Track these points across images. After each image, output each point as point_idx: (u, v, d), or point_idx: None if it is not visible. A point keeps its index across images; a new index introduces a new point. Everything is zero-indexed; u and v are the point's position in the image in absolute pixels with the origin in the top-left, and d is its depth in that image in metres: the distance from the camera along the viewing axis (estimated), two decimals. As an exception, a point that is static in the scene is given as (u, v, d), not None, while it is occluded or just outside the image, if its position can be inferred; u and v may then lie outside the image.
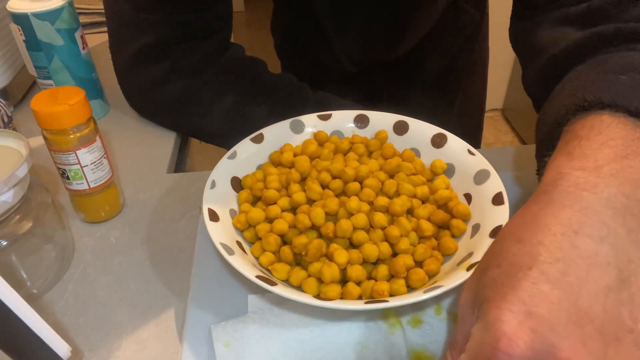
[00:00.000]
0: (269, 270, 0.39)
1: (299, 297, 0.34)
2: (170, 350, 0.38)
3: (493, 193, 0.41)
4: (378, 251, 0.39)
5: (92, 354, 0.38)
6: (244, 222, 0.42)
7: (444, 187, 0.44)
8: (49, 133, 0.43)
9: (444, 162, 0.47)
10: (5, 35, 0.66)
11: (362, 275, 0.38)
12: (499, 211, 0.39)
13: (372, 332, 0.37)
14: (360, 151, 0.48)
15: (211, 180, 0.44)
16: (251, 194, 0.45)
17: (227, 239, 0.39)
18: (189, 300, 0.41)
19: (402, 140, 0.50)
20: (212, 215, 0.41)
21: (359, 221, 0.40)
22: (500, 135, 2.16)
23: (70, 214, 0.50)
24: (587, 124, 0.29)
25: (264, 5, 0.82)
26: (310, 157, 0.47)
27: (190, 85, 0.58)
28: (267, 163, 0.49)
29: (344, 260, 0.38)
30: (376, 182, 0.43)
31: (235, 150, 0.48)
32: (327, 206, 0.41)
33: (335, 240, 0.40)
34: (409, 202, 0.42)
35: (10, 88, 0.67)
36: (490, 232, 0.38)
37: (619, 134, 0.28)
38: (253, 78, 0.60)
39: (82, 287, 0.43)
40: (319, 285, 0.38)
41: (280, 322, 0.37)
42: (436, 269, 0.38)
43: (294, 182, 0.45)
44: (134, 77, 0.60)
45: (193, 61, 0.57)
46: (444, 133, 0.48)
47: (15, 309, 0.25)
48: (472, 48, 0.79)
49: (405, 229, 0.40)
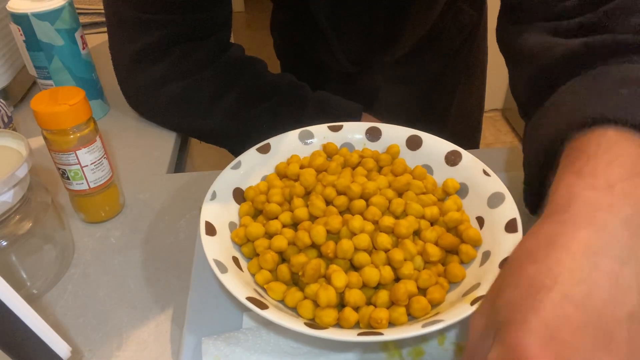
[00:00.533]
0: (264, 289, 0.38)
1: (290, 324, 0.32)
2: (170, 351, 0.38)
3: (507, 219, 0.39)
4: (379, 275, 0.36)
5: (92, 354, 0.38)
6: (242, 236, 0.41)
7: (455, 209, 0.42)
8: (49, 133, 0.43)
9: (457, 181, 0.44)
10: (5, 36, 0.66)
11: (361, 300, 0.36)
12: (512, 239, 0.37)
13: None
14: (370, 166, 0.46)
15: (212, 191, 0.42)
16: (253, 206, 0.43)
17: (223, 255, 0.38)
18: (189, 301, 0.41)
19: (415, 155, 0.48)
20: (209, 229, 0.39)
21: (361, 242, 0.37)
22: (500, 135, 2.16)
23: (70, 214, 0.50)
24: (593, 141, 0.29)
25: (264, 5, 0.82)
26: (317, 170, 0.46)
27: (190, 86, 0.58)
28: (273, 174, 0.47)
29: (342, 283, 0.36)
30: (383, 200, 0.41)
31: (239, 160, 0.46)
32: (329, 224, 0.39)
33: (335, 261, 0.38)
34: (416, 224, 0.40)
35: (10, 88, 0.67)
36: (500, 263, 0.36)
37: (627, 150, 0.27)
38: (253, 78, 0.60)
39: (82, 287, 0.43)
40: (315, 309, 0.36)
41: (274, 342, 0.36)
42: (440, 297, 0.36)
43: (298, 196, 0.43)
44: (133, 77, 0.60)
45: (193, 61, 0.57)
46: (459, 150, 0.46)
47: (15, 309, 0.25)
48: (470, 48, 0.79)
49: (410, 252, 0.38)
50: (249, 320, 0.38)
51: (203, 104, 0.58)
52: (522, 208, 0.39)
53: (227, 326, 0.38)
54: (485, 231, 0.40)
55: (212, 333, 0.38)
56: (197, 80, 0.58)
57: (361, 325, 0.36)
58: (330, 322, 0.35)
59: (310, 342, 0.36)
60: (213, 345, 0.36)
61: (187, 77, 0.58)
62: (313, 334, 0.32)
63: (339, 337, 0.32)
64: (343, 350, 0.36)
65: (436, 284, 0.37)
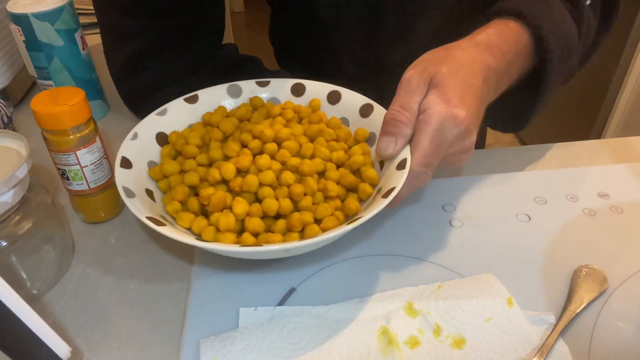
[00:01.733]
0: (174, 218, 0.41)
1: (182, 237, 0.35)
2: (169, 351, 0.38)
3: (400, 159, 0.42)
4: (278, 205, 0.40)
5: (92, 354, 0.38)
6: (158, 172, 0.44)
7: (360, 154, 0.46)
8: (49, 133, 0.43)
9: (368, 130, 0.49)
10: (6, 36, 0.66)
11: (260, 227, 0.40)
12: (399, 175, 0.40)
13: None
14: (289, 116, 0.50)
15: (133, 132, 0.46)
16: (174, 149, 0.47)
17: (135, 186, 0.41)
18: (189, 301, 0.41)
19: (334, 109, 0.52)
20: (124, 162, 0.42)
21: (265, 177, 0.41)
22: (500, 135, 2.16)
23: (70, 214, 0.50)
24: (495, 23, 0.46)
25: (264, 5, 0.82)
26: (240, 119, 0.49)
27: (183, 90, 0.58)
28: (199, 123, 0.50)
29: (241, 210, 0.39)
30: (294, 144, 0.45)
31: (165, 108, 0.49)
32: (239, 162, 0.43)
33: (242, 195, 0.41)
34: (322, 165, 0.44)
35: (10, 88, 0.67)
36: (384, 193, 0.39)
37: (497, 28, 0.45)
38: (247, 77, 0.60)
39: (82, 287, 0.43)
40: (216, 234, 0.39)
41: (270, 341, 0.37)
42: (333, 226, 0.40)
43: (215, 140, 0.46)
44: (127, 83, 0.60)
45: (184, 64, 0.57)
46: (372, 104, 0.50)
47: (15, 310, 0.25)
48: None
49: (311, 188, 0.42)
50: (245, 320, 0.38)
51: None
52: (513, 203, 0.39)
53: (226, 326, 0.38)
54: (383, 172, 0.44)
55: (212, 333, 0.38)
56: (190, 83, 0.58)
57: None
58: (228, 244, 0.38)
59: (308, 339, 0.36)
60: (210, 346, 0.36)
61: (179, 80, 0.57)
62: (201, 245, 0.35)
63: (223, 247, 0.35)
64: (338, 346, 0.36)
65: (331, 215, 0.41)
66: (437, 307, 0.39)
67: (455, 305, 0.39)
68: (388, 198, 0.38)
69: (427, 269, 0.43)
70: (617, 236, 0.46)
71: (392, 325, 0.38)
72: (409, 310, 0.39)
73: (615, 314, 0.39)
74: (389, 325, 0.38)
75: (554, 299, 0.41)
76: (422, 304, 0.39)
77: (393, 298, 0.40)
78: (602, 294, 0.41)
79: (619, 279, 0.42)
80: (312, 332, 0.37)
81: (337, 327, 0.38)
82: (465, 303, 0.39)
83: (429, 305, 0.39)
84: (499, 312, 0.38)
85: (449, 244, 0.46)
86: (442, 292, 0.40)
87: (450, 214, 0.49)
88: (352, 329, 0.38)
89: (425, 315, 0.39)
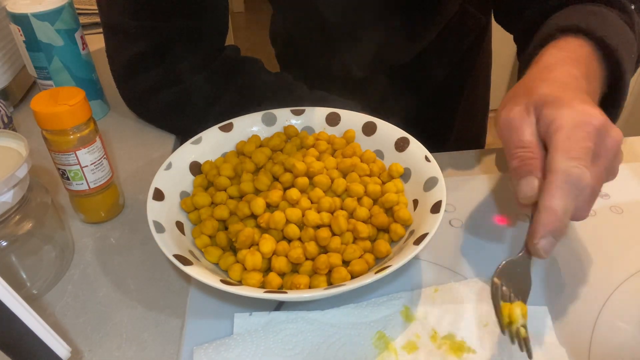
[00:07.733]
0: (202, 253, 0.41)
1: (206, 279, 0.34)
2: (169, 351, 0.38)
3: (435, 201, 0.41)
4: (303, 254, 0.39)
5: (92, 354, 0.38)
6: (189, 204, 0.44)
7: (394, 191, 0.45)
8: (49, 133, 0.43)
9: (402, 166, 0.47)
10: (6, 36, 0.66)
11: (286, 267, 0.39)
12: (433, 219, 0.39)
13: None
14: (322, 148, 0.49)
15: (168, 162, 0.46)
16: (206, 179, 0.47)
17: (166, 218, 0.41)
18: (189, 301, 0.41)
19: (369, 141, 0.51)
20: (156, 195, 0.42)
21: (292, 215, 0.41)
22: (500, 135, 2.15)
23: (70, 214, 0.50)
24: (560, 41, 0.45)
25: (264, 5, 0.82)
26: (273, 149, 0.49)
27: (185, 91, 0.58)
28: (232, 152, 0.50)
29: (268, 249, 0.39)
30: (326, 179, 0.44)
31: (200, 137, 0.49)
32: (269, 197, 0.42)
33: (269, 232, 0.41)
34: (354, 204, 0.43)
35: (10, 88, 0.67)
36: (416, 239, 0.38)
37: (571, 45, 0.44)
38: (248, 79, 0.60)
39: (81, 287, 0.43)
40: (243, 272, 0.39)
41: (264, 346, 0.36)
42: (361, 270, 0.39)
43: (247, 172, 0.46)
44: (129, 84, 0.60)
45: (186, 66, 0.57)
46: (407, 137, 0.49)
47: (15, 310, 0.25)
48: (477, 51, 0.78)
49: (340, 228, 0.40)
50: (240, 326, 0.38)
51: (198, 108, 0.58)
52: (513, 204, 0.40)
53: (226, 326, 0.38)
54: (417, 212, 0.43)
55: (212, 333, 0.38)
56: (192, 85, 0.58)
57: (285, 289, 0.38)
58: (255, 285, 0.37)
59: (303, 346, 0.36)
60: (204, 354, 0.36)
61: (181, 82, 0.58)
62: (224, 288, 0.34)
63: (247, 293, 0.34)
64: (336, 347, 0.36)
65: (360, 257, 0.40)
66: (433, 312, 0.39)
67: (452, 310, 0.39)
68: (420, 245, 0.36)
69: (426, 269, 0.43)
70: (617, 236, 0.46)
71: (388, 331, 0.38)
72: (405, 315, 0.39)
73: (615, 314, 0.39)
74: (385, 331, 0.37)
75: (554, 299, 0.41)
76: (419, 308, 0.39)
77: (389, 303, 0.40)
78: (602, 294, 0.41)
79: (619, 279, 0.42)
80: (307, 337, 0.37)
81: (333, 332, 0.38)
82: (462, 308, 0.39)
83: (425, 310, 0.39)
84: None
85: (449, 244, 0.46)
86: (439, 296, 0.40)
87: (450, 214, 0.49)
88: (349, 334, 0.37)
89: (422, 320, 0.38)
